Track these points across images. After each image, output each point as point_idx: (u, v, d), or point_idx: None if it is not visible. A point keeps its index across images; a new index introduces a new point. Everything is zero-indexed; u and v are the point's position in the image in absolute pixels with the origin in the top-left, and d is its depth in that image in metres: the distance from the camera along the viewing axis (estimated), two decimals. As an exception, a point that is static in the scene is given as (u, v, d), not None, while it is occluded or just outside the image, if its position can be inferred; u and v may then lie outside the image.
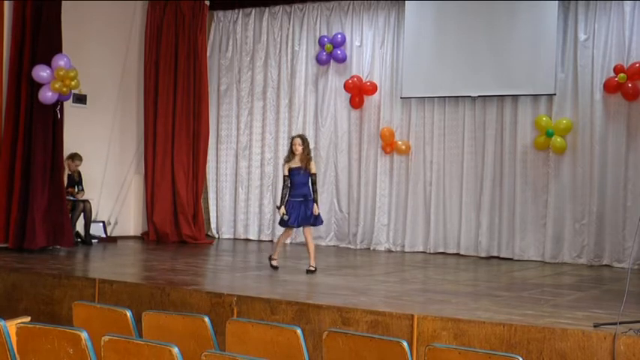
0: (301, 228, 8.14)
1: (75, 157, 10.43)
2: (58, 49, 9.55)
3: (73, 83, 9.44)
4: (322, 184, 11.23)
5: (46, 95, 9.32)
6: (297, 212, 7.89)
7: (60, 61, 9.37)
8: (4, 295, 7.36)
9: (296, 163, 7.96)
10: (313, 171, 7.92)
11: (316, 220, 7.97)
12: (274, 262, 8.07)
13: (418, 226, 10.79)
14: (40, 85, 9.35)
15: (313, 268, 7.91)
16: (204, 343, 4.32)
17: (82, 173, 10.63)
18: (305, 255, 10.07)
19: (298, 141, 7.97)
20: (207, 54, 11.90)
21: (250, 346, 4.26)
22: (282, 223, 8.06)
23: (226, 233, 12.07)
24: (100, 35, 11.13)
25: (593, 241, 9.68)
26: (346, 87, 11.03)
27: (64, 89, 9.39)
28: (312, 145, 11.38)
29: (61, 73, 9.32)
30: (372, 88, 11.00)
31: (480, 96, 10.33)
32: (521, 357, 3.73)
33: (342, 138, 11.17)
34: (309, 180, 7.94)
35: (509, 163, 10.22)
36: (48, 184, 9.42)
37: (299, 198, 7.92)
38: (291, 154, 7.95)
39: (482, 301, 6.39)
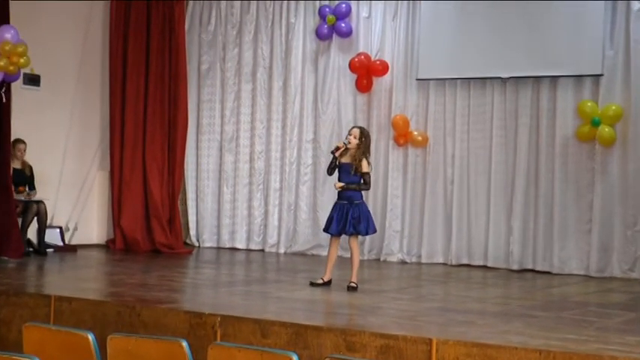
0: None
1: (16, 142, 10.25)
2: (5, 20, 9.52)
3: (22, 60, 9.40)
4: (323, 183, 11.23)
5: (-11, 75, 9.29)
6: (340, 217, 7.86)
7: (6, 34, 9.33)
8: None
9: (347, 159, 7.91)
10: (364, 170, 7.83)
11: (361, 227, 7.82)
12: (320, 281, 8.00)
13: (437, 232, 10.78)
14: (-20, 63, 9.32)
15: (355, 285, 7.88)
16: (181, 372, 4.29)
17: (33, 168, 10.59)
18: (303, 267, 10.07)
19: (355, 132, 7.90)
20: (186, 27, 11.89)
21: (236, 376, 4.23)
22: (326, 226, 7.99)
23: (208, 241, 12.06)
24: (57, 4, 11.10)
25: (647, 251, 9.70)
26: (352, 66, 11.01)
27: (11, 67, 9.34)
28: (311, 137, 11.44)
29: (7, 48, 9.28)
30: (383, 68, 10.99)
31: (511, 77, 10.31)
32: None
33: (346, 127, 11.12)
34: (360, 179, 7.85)
35: (546, 158, 10.21)
36: (-10, 182, 9.40)
37: (344, 200, 7.90)
38: (346, 145, 7.88)
39: (514, 322, 6.37)
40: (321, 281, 7.99)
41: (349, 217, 7.85)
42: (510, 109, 10.41)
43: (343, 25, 11.14)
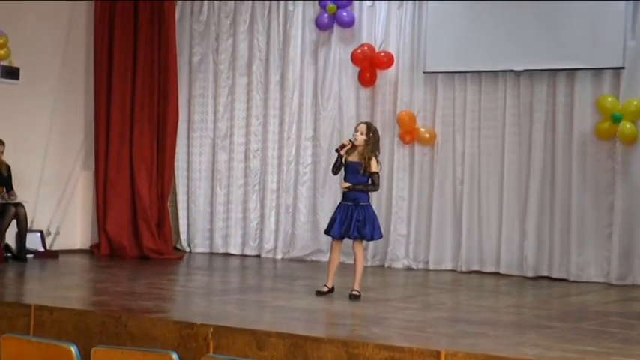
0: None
1: None
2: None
3: (1, 52, 9.39)
4: (324, 183, 11.22)
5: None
6: (344, 219, 7.83)
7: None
8: None
9: (354, 157, 7.88)
10: (373, 169, 7.81)
11: (366, 231, 7.79)
12: (325, 289, 7.98)
13: (446, 237, 10.77)
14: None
15: (357, 293, 7.86)
16: (171, 387, 4.29)
17: (11, 168, 10.58)
18: (302, 274, 10.06)
19: (362, 128, 7.88)
20: (176, 16, 11.88)
21: (230, 391, 4.22)
22: (327, 228, 7.97)
23: (200, 246, 12.05)
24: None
25: (671, 257, 9.70)
26: (354, 59, 11.01)
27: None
28: (310, 134, 11.44)
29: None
30: (387, 60, 10.98)
31: (525, 70, 10.30)
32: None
33: (348, 124, 11.15)
34: (368, 179, 7.84)
35: (563, 157, 10.20)
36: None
37: (349, 202, 7.88)
38: (353, 143, 7.85)
39: (529, 333, 6.37)
40: (326, 289, 7.97)
41: (354, 219, 7.82)
42: (524, 104, 10.40)
43: (345, 14, 11.13)
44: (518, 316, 7.37)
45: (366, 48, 11.00)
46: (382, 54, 11.00)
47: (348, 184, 7.85)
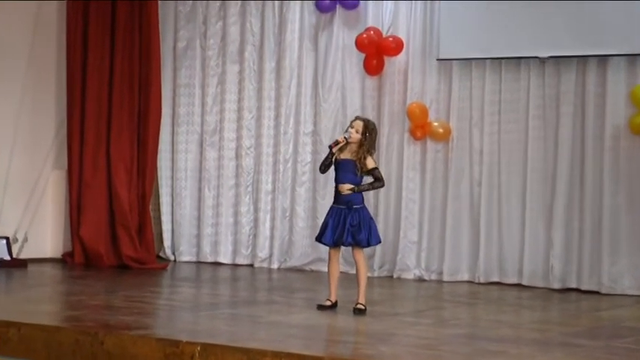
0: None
1: None
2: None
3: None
4: (324, 184, 11.21)
5: None
6: (336, 224, 7.85)
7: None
8: None
9: (346, 154, 7.91)
10: (371, 166, 7.84)
11: (361, 237, 7.80)
12: (327, 303, 7.99)
13: (462, 244, 10.76)
14: None
15: (362, 307, 7.88)
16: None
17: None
18: (301, 285, 10.04)
19: (358, 126, 7.89)
20: (159, -4, 11.89)
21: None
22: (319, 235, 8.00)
23: (186, 254, 12.04)
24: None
25: None
26: (359, 44, 10.99)
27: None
28: (310, 129, 11.43)
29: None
30: (396, 46, 10.96)
31: (551, 57, 10.28)
32: None
33: (352, 117, 11.09)
34: (362, 180, 7.85)
35: (593, 153, 10.19)
36: None
37: (341, 204, 7.89)
38: (347, 140, 7.87)
39: (555, 352, 6.36)
40: (329, 303, 7.97)
41: (347, 224, 7.83)
42: (550, 95, 10.38)
43: (349, -6, 11.15)
44: (543, 334, 7.34)
45: (372, 32, 10.98)
46: (390, 39, 10.98)
47: (350, 186, 7.83)
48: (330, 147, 7.93)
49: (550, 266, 10.29)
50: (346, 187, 7.86)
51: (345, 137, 7.89)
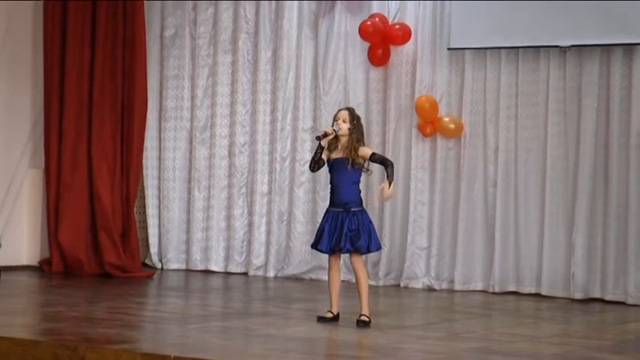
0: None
1: None
2: None
3: None
4: (325, 184, 11.20)
5: None
6: (333, 229, 7.86)
7: None
8: None
9: (338, 153, 7.93)
10: (369, 152, 7.86)
11: (360, 242, 7.79)
12: (329, 315, 8.00)
13: (475, 250, 10.76)
14: None
15: (366, 319, 7.88)
16: None
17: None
18: (299, 295, 10.03)
19: (344, 115, 7.93)
20: (145, -20, 11.89)
21: None
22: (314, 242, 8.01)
23: (174, 261, 12.05)
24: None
25: None
26: (363, 32, 10.99)
27: None
28: (309, 124, 11.43)
29: None
30: (404, 34, 10.97)
31: (573, 46, 10.29)
32: None
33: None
34: (360, 175, 7.89)
35: (618, 152, 10.19)
36: None
37: (338, 207, 7.91)
38: (336, 132, 7.89)
39: (578, 368, 6.36)
40: (330, 315, 7.97)
41: (345, 229, 7.84)
42: (572, 87, 10.39)
43: (352, -23, 11.16)
44: (564, 348, 7.34)
45: (377, 19, 10.98)
46: (397, 26, 10.99)
47: (386, 184, 7.75)
48: (318, 138, 7.91)
49: (571, 274, 10.29)
50: (386, 189, 7.78)
51: (334, 129, 7.89)
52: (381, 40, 10.99)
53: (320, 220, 11.00)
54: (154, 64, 12.04)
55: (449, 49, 10.85)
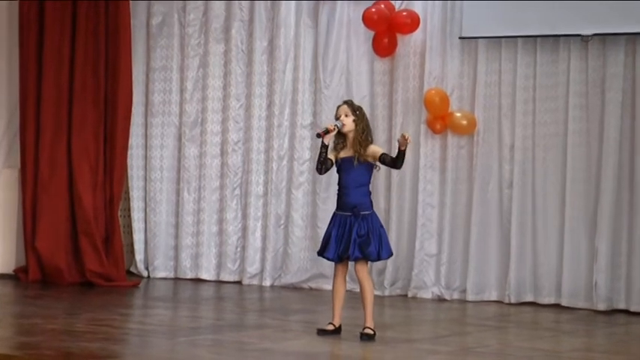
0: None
1: None
2: None
3: None
4: (327, 185, 11.23)
5: None
6: (340, 235, 7.89)
7: None
8: None
9: (347, 152, 7.97)
10: (379, 152, 7.91)
11: (370, 249, 7.84)
12: (330, 327, 8.02)
13: (489, 257, 10.78)
14: None
15: (371, 332, 7.90)
16: None
17: None
18: (298, 306, 10.04)
19: (344, 110, 7.99)
20: (130, -37, 11.90)
21: None
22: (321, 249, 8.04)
23: (161, 269, 12.06)
24: None
25: None
26: (367, 20, 11.01)
27: None
28: (309, 120, 11.44)
29: None
30: (412, 22, 10.98)
31: (596, 35, 10.30)
32: None
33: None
34: (370, 176, 7.93)
35: (645, 150, 10.23)
36: None
37: (346, 211, 7.94)
38: (340, 129, 7.93)
39: (601, 385, 6.38)
40: (331, 327, 7.98)
41: (353, 234, 7.86)
42: (594, 79, 10.39)
43: (355, -40, 11.18)
44: (586, 363, 7.38)
45: (382, 6, 11.00)
46: (404, 13, 11.00)
47: (407, 135, 7.79)
48: (319, 135, 7.93)
49: (594, 283, 10.29)
50: (408, 136, 7.81)
51: (336, 125, 7.91)
52: (387, 29, 11.00)
53: (322, 224, 11.17)
54: (139, 54, 12.04)
55: (460, 38, 10.87)
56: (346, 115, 7.95)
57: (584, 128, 10.45)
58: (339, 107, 8.10)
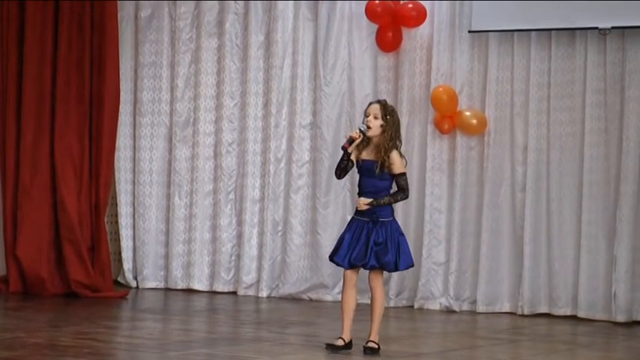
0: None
1: None
2: None
3: None
4: (327, 189, 11.22)
5: None
6: (356, 240, 7.87)
7: None
8: None
9: (369, 153, 7.94)
10: (398, 170, 7.87)
11: (388, 258, 7.83)
12: (340, 342, 7.98)
13: (501, 266, 10.78)
14: None
15: (375, 346, 7.90)
16: None
17: None
18: (297, 318, 10.04)
19: (374, 110, 7.92)
20: (117, -48, 11.91)
21: None
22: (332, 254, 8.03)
23: (151, 279, 12.07)
24: None
25: None
26: (370, 13, 11.01)
27: None
28: (308, 119, 11.44)
29: None
30: (418, 15, 10.99)
31: (614, 28, 10.30)
32: None
33: (362, 105, 11.11)
34: (391, 183, 7.91)
35: (667, 151, 10.23)
36: None
37: (363, 217, 7.92)
38: (364, 133, 7.90)
39: (622, 402, 6.37)
40: (341, 342, 7.94)
41: (370, 242, 7.83)
42: (613, 75, 10.41)
43: (357, -52, 11.18)
44: (606, 378, 7.38)
45: (386, -3, 11.03)
46: (410, 6, 11.01)
47: (368, 201, 7.82)
48: (344, 148, 7.90)
49: (612, 293, 10.30)
50: (364, 202, 7.84)
51: (360, 130, 7.87)
52: (392, 22, 11.01)
53: (322, 230, 11.19)
54: (127, 49, 12.05)
55: (470, 31, 10.88)
56: (375, 117, 7.89)
57: (603, 127, 10.46)
58: (370, 105, 8.04)
